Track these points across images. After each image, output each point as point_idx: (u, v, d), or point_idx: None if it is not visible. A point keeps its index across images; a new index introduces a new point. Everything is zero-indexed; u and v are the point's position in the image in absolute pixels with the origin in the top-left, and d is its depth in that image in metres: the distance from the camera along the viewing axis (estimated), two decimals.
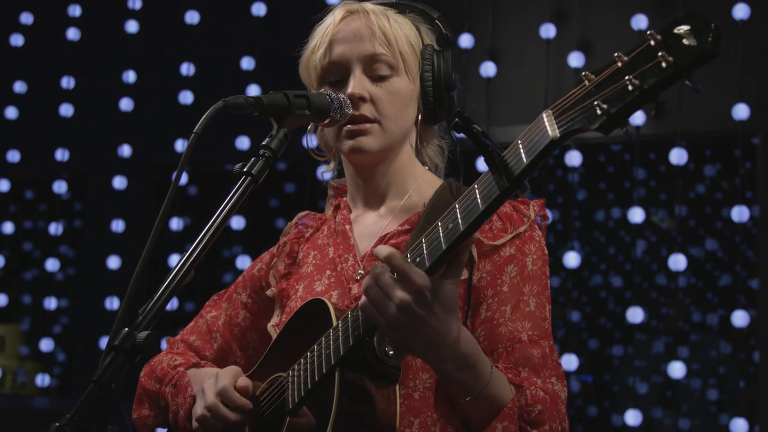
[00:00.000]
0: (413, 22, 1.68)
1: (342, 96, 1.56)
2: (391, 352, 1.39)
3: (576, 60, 4.45)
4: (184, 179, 5.27)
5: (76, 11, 5.53)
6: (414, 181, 1.68)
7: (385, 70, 1.61)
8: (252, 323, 1.81)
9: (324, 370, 1.42)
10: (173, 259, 5.12)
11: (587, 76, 1.14)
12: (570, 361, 4.38)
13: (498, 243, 1.55)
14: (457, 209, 1.28)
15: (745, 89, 4.22)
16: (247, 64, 5.04)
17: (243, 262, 4.86)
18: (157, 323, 1.26)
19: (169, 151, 5.16)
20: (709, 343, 6.56)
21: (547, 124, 1.17)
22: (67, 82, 5.47)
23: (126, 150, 5.29)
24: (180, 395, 1.69)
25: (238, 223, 4.98)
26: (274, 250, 1.82)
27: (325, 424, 1.39)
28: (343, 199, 1.77)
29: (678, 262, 4.26)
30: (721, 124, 4.34)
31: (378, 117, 1.60)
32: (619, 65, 1.10)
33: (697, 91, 1.07)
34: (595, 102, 1.11)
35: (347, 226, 1.70)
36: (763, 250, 4.35)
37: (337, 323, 1.44)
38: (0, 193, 5.67)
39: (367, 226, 1.68)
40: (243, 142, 5.01)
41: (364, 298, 1.34)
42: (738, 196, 4.36)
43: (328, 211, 1.80)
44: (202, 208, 6.05)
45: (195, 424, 1.57)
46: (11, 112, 5.61)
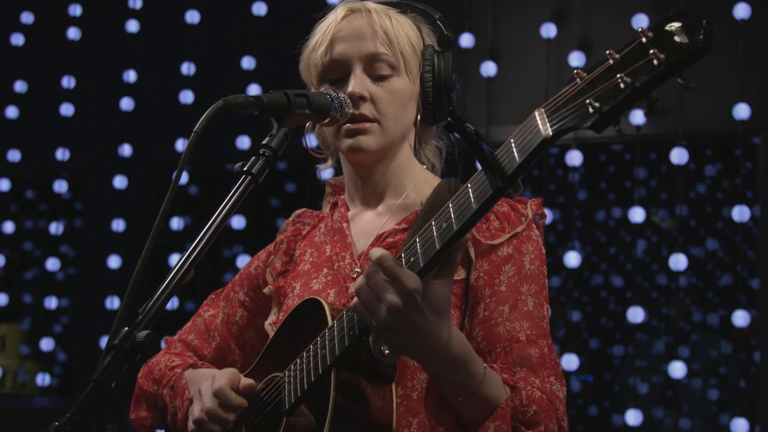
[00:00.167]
0: (415, 22, 1.68)
1: (342, 95, 1.56)
2: (386, 352, 1.39)
3: (576, 59, 4.45)
4: (184, 179, 5.27)
5: (76, 11, 5.54)
6: (412, 180, 1.68)
7: (386, 69, 1.61)
8: (249, 321, 1.81)
9: (320, 371, 1.42)
10: (173, 259, 5.12)
11: (579, 74, 1.13)
12: (570, 361, 4.38)
13: (495, 242, 1.55)
14: (451, 208, 1.28)
15: (746, 89, 4.22)
16: (247, 63, 5.05)
17: (243, 261, 4.85)
18: (157, 322, 1.26)
19: (170, 151, 5.16)
20: (710, 343, 6.56)
21: (539, 123, 1.16)
22: (68, 82, 5.47)
23: (126, 149, 5.29)
24: (178, 397, 1.68)
25: (238, 222, 4.98)
26: (270, 247, 1.82)
27: (322, 424, 1.39)
28: (341, 197, 1.77)
29: (679, 262, 4.26)
30: (722, 123, 4.33)
31: (377, 116, 1.60)
32: (611, 63, 1.10)
33: (690, 89, 1.07)
34: (587, 100, 1.10)
35: (344, 224, 1.70)
36: (764, 250, 4.34)
37: (333, 323, 1.44)
38: (1, 192, 5.67)
39: (364, 224, 1.68)
40: (243, 142, 5.01)
41: (356, 299, 1.34)
42: (739, 196, 4.36)
43: (326, 209, 1.79)
44: (203, 207, 6.05)
45: (192, 426, 1.56)
46: (12, 112, 5.62)
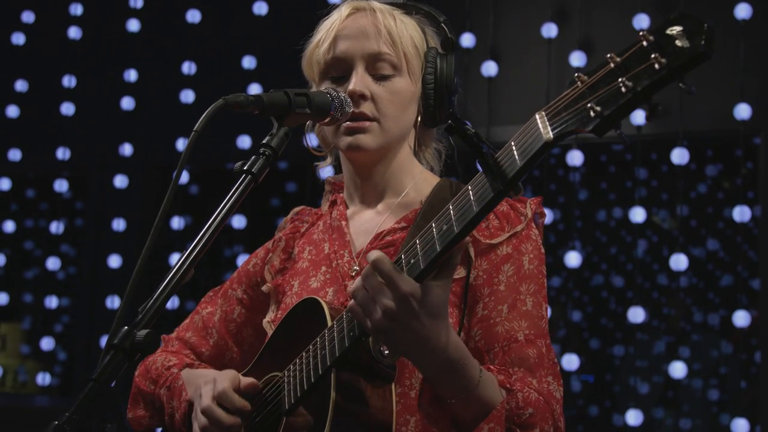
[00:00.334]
0: (419, 24, 1.68)
1: (343, 94, 1.56)
2: (386, 352, 1.39)
3: (577, 59, 4.45)
4: (184, 178, 5.27)
5: (77, 10, 5.53)
6: (412, 180, 1.68)
7: (388, 69, 1.61)
8: (247, 319, 1.81)
9: (320, 371, 1.42)
10: (174, 258, 5.12)
11: (580, 77, 1.13)
12: (571, 361, 4.38)
13: (495, 242, 1.55)
14: (451, 211, 1.28)
15: (747, 89, 4.22)
16: (248, 62, 5.04)
17: (243, 260, 4.84)
18: (156, 322, 1.26)
19: (171, 150, 5.16)
20: (711, 343, 6.55)
21: (540, 126, 1.16)
22: (69, 81, 5.47)
23: (127, 149, 5.29)
24: (175, 398, 1.68)
25: (239, 222, 4.97)
26: (269, 245, 1.82)
27: (322, 424, 1.39)
28: (340, 195, 1.77)
29: (679, 262, 4.26)
30: (723, 123, 4.33)
31: (378, 116, 1.60)
32: (612, 66, 1.10)
33: (691, 94, 1.06)
34: (588, 104, 1.10)
35: (343, 222, 1.70)
36: (765, 250, 4.34)
37: (332, 323, 1.44)
38: (1, 191, 5.67)
39: (363, 222, 1.68)
40: (244, 141, 5.01)
41: (351, 301, 1.34)
42: (739, 196, 4.35)
43: (324, 207, 1.79)
44: (203, 207, 6.05)
45: (197, 431, 1.56)
46: (12, 111, 5.62)
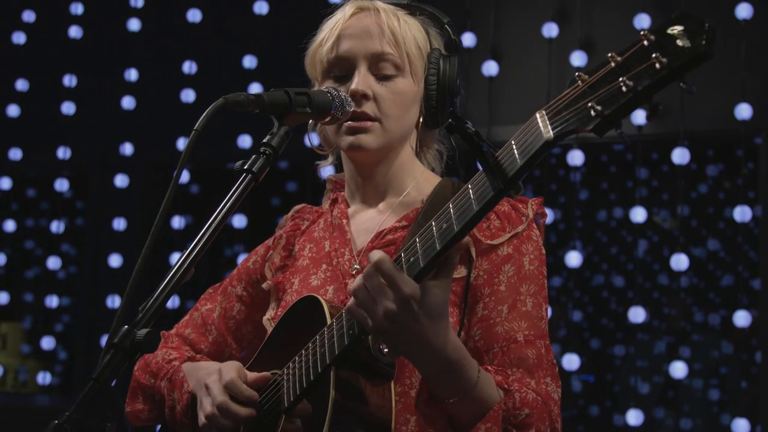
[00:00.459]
0: (423, 25, 1.68)
1: (343, 94, 1.56)
2: (385, 350, 1.39)
3: (578, 59, 4.45)
4: (185, 177, 5.27)
5: (78, 9, 5.54)
6: (413, 179, 1.68)
7: (391, 69, 1.61)
8: (247, 316, 1.81)
9: (319, 369, 1.42)
10: (174, 258, 5.12)
11: (581, 77, 1.13)
12: (571, 361, 4.38)
13: (496, 242, 1.55)
14: (452, 209, 1.28)
15: (748, 89, 4.21)
16: (249, 62, 5.04)
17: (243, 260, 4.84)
18: (157, 321, 1.26)
19: (171, 150, 5.16)
20: (711, 344, 6.55)
21: (540, 125, 1.16)
22: (69, 80, 5.47)
23: (128, 148, 5.29)
24: (176, 390, 1.68)
25: (239, 221, 4.98)
26: (269, 242, 1.82)
27: (321, 422, 1.39)
28: (341, 193, 1.77)
29: (680, 262, 4.26)
30: (724, 123, 4.33)
31: (379, 116, 1.60)
32: (613, 66, 1.10)
33: (692, 93, 1.07)
34: (589, 103, 1.10)
35: (344, 221, 1.70)
36: (765, 251, 4.34)
37: (332, 321, 1.44)
38: (2, 191, 5.67)
39: (364, 221, 1.68)
40: (244, 141, 5.01)
41: (352, 300, 1.34)
42: (740, 196, 4.35)
43: (325, 205, 1.80)
44: (204, 206, 6.05)
45: (203, 421, 1.56)
46: (13, 110, 5.62)
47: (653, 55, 1.05)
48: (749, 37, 4.24)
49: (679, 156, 4.27)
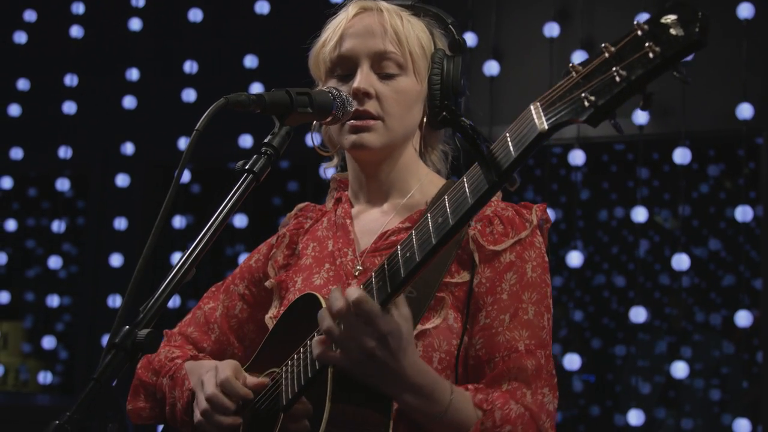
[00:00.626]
0: (428, 26, 1.68)
1: (345, 94, 1.56)
2: None
3: (579, 59, 4.38)
4: (186, 177, 5.27)
5: (79, 9, 5.54)
6: (417, 181, 1.68)
7: (393, 68, 1.61)
8: (250, 315, 1.81)
9: (317, 366, 1.42)
10: (175, 257, 5.12)
11: (575, 68, 1.13)
12: (572, 361, 4.38)
13: (498, 248, 1.54)
14: (447, 203, 1.28)
15: (749, 89, 4.21)
16: (250, 62, 5.04)
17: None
18: (158, 321, 1.26)
19: (172, 149, 5.16)
20: (712, 343, 6.55)
21: (534, 117, 1.16)
22: (71, 80, 5.47)
23: (129, 148, 5.29)
24: (177, 388, 1.68)
25: (240, 221, 4.97)
26: (272, 240, 1.82)
27: (319, 419, 1.39)
28: (345, 192, 1.77)
29: (681, 262, 4.25)
30: (725, 123, 4.32)
31: (382, 114, 1.60)
32: (607, 56, 1.09)
33: (686, 83, 1.06)
34: (582, 94, 1.10)
35: (348, 221, 1.70)
36: (767, 250, 4.34)
37: None
38: (3, 190, 5.67)
39: (368, 221, 1.68)
40: (246, 140, 5.01)
41: (320, 343, 1.34)
42: (741, 196, 4.35)
43: (329, 204, 1.79)
44: (205, 205, 6.05)
45: (198, 417, 1.56)
46: (14, 110, 5.62)
47: (646, 44, 1.05)
48: (751, 36, 4.24)
49: (681, 156, 4.27)
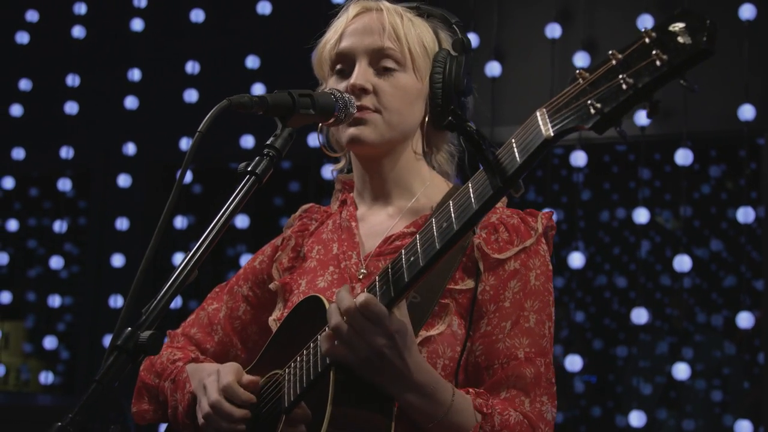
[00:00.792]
0: (433, 27, 1.68)
1: (347, 95, 1.56)
2: None
3: (581, 60, 4.44)
4: (188, 177, 5.27)
5: (81, 9, 5.54)
6: (422, 183, 1.67)
7: (391, 64, 1.61)
8: (253, 317, 1.81)
9: (319, 369, 1.42)
10: (177, 258, 5.13)
11: (581, 74, 1.13)
12: (574, 362, 4.38)
13: (503, 257, 1.54)
14: (452, 208, 1.28)
15: (751, 90, 4.21)
16: (252, 62, 5.04)
17: (246, 260, 4.83)
18: (160, 323, 1.26)
19: (174, 150, 5.16)
20: (714, 344, 6.55)
21: (540, 123, 1.16)
22: (72, 80, 5.48)
23: (131, 148, 5.29)
24: (179, 391, 1.68)
25: (242, 221, 4.97)
26: (277, 242, 1.81)
27: (320, 422, 1.39)
28: (350, 194, 1.76)
29: (683, 263, 4.25)
30: (727, 124, 4.32)
31: (380, 108, 1.60)
32: (614, 63, 1.09)
33: (693, 91, 1.06)
34: (589, 101, 1.10)
35: (353, 223, 1.70)
36: None
37: None
38: (5, 190, 5.67)
39: (373, 225, 1.68)
40: (248, 141, 5.01)
41: (328, 339, 1.37)
42: (743, 197, 4.35)
43: (334, 206, 1.79)
44: (207, 206, 6.05)
45: (201, 421, 1.57)
46: (16, 110, 5.62)
47: (654, 52, 1.05)
48: (752, 37, 4.24)
49: (682, 157, 4.27)
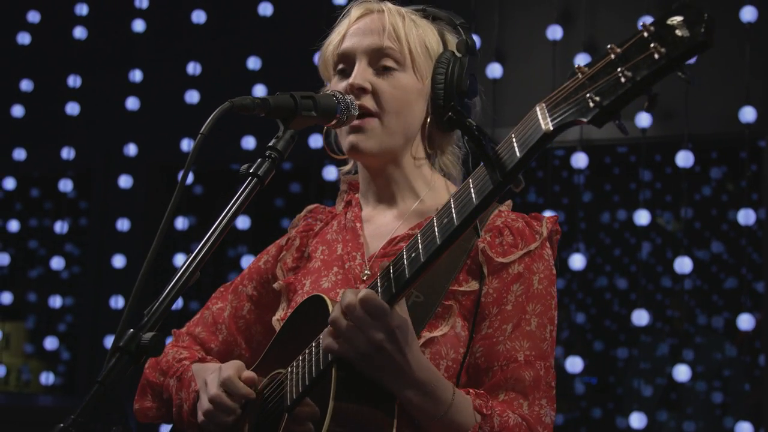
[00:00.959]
0: (440, 30, 1.68)
1: (349, 97, 1.56)
2: None
3: (582, 61, 4.40)
4: (189, 179, 5.27)
5: (83, 10, 5.54)
6: (426, 185, 1.68)
7: (391, 63, 1.62)
8: (257, 316, 1.81)
9: (321, 367, 1.43)
10: (179, 259, 5.13)
11: (580, 69, 1.14)
12: (575, 363, 4.38)
13: (507, 260, 1.54)
14: (452, 204, 1.29)
15: (752, 92, 4.21)
16: (253, 63, 5.04)
17: (248, 261, 4.83)
18: (162, 324, 1.26)
19: (175, 151, 5.16)
20: (714, 346, 6.55)
21: (540, 118, 1.16)
22: (74, 81, 5.48)
23: (132, 149, 5.29)
24: (184, 389, 1.69)
25: (243, 222, 4.98)
26: (282, 242, 1.82)
27: (322, 420, 1.40)
28: (355, 195, 1.77)
29: (683, 265, 4.25)
30: (728, 126, 4.32)
31: (378, 110, 1.60)
32: (612, 57, 1.10)
33: (690, 83, 1.07)
34: (587, 94, 1.10)
35: (358, 224, 1.70)
36: None
37: None
38: (6, 191, 5.68)
39: (378, 226, 1.68)
40: (249, 142, 5.01)
41: (329, 334, 1.38)
42: (744, 199, 4.35)
43: (339, 206, 1.80)
44: (208, 207, 6.05)
45: (201, 417, 1.57)
46: (18, 111, 5.62)
47: (652, 45, 1.05)
48: (753, 39, 4.24)
49: (683, 158, 4.27)
